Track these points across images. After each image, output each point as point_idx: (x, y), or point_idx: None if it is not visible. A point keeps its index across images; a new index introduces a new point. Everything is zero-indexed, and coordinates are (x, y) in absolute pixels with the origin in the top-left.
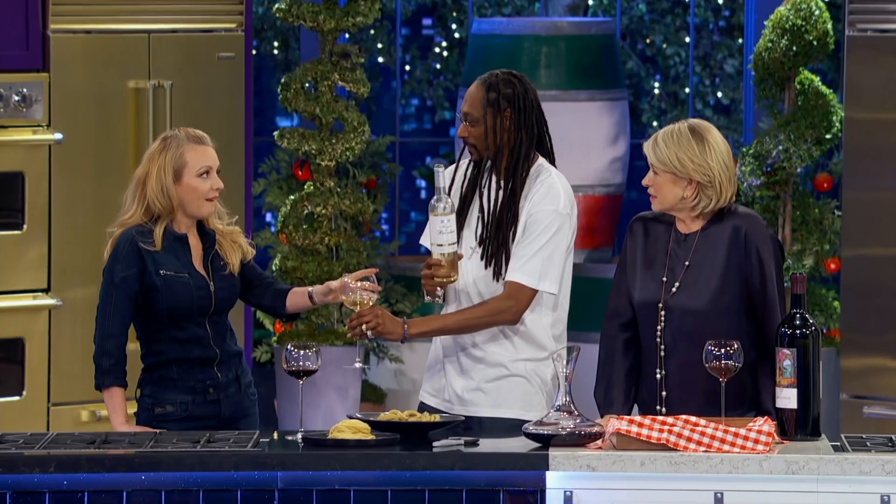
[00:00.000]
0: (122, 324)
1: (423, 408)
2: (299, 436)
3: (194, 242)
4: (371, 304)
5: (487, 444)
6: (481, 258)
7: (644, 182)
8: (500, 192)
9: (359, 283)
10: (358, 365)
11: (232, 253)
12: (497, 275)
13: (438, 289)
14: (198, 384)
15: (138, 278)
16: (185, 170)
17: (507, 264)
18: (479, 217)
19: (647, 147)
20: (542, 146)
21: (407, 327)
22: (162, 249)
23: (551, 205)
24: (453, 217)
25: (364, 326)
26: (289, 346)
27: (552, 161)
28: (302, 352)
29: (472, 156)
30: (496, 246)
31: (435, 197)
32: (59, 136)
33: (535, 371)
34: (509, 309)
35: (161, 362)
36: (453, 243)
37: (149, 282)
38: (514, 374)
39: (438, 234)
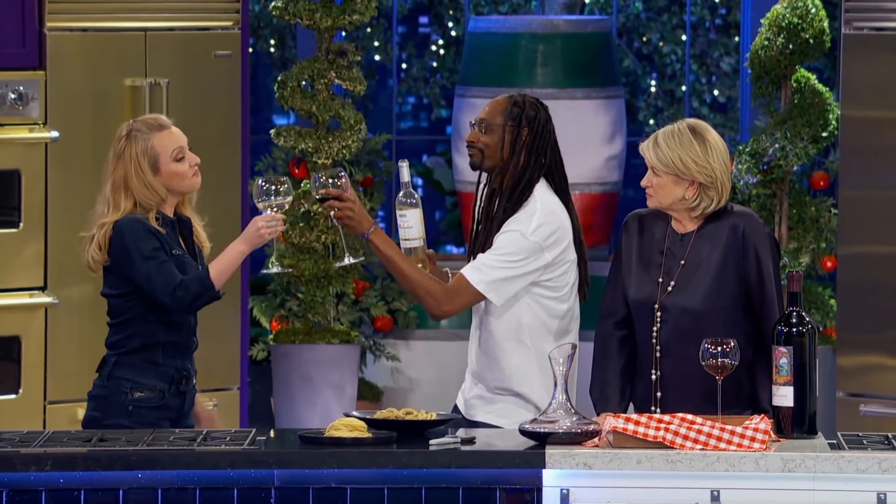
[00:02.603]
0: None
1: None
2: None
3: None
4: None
5: (484, 443)
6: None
7: (643, 183)
8: (496, 209)
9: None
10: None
11: (203, 240)
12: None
13: None
14: (176, 373)
15: (164, 250)
16: (160, 159)
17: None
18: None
19: (646, 148)
20: (551, 178)
21: (373, 231)
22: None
23: (519, 226)
24: (416, 212)
25: (333, 213)
26: (315, 175)
27: (566, 198)
28: (331, 179)
29: (473, 159)
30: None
31: (401, 192)
32: (55, 134)
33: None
34: (442, 301)
35: (148, 345)
36: (417, 237)
37: None
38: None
39: (400, 228)
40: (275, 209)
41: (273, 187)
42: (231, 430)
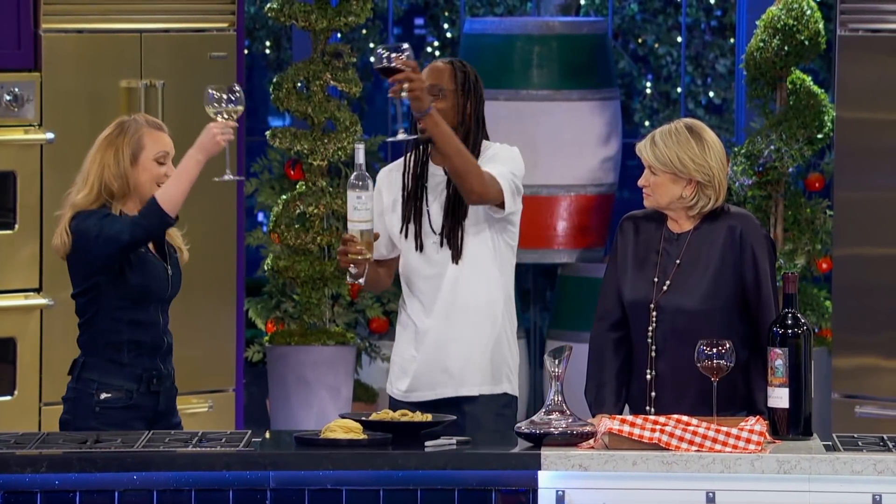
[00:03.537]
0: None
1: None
2: None
3: None
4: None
5: (480, 444)
6: (440, 243)
7: (640, 183)
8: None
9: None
10: (228, 177)
11: (180, 243)
12: (456, 257)
13: (351, 266)
14: (144, 373)
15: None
16: (143, 153)
17: (462, 245)
18: (427, 210)
19: (644, 148)
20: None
21: (433, 108)
22: None
23: (502, 147)
24: (371, 194)
25: (407, 85)
26: (379, 50)
27: None
28: (394, 54)
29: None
30: (452, 224)
31: (354, 173)
32: (50, 135)
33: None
34: (487, 184)
35: (114, 344)
36: (368, 220)
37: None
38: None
39: (353, 210)
40: (226, 116)
41: (223, 95)
42: (226, 431)
